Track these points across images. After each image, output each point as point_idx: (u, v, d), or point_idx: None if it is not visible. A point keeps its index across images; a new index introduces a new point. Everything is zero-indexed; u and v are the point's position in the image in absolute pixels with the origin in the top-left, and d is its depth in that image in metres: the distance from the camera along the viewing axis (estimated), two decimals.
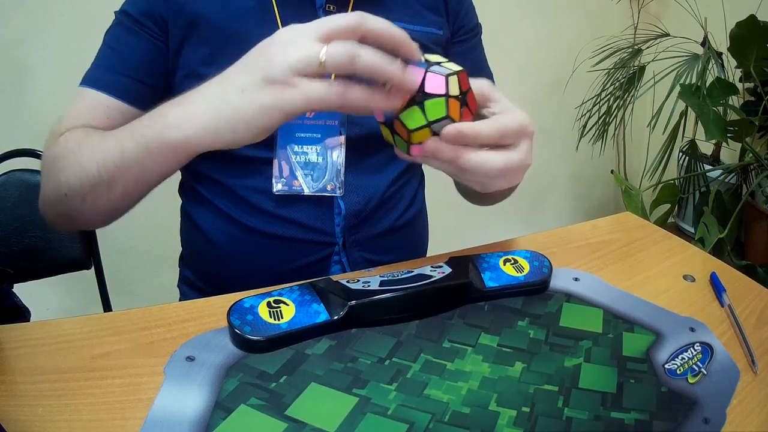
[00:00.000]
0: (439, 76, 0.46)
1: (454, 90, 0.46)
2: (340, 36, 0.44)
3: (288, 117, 0.46)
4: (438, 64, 0.47)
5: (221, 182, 0.70)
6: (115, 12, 0.69)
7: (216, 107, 0.48)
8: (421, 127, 0.47)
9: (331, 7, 0.68)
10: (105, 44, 0.68)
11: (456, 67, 0.47)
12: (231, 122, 0.47)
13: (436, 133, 0.47)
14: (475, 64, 0.80)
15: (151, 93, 0.67)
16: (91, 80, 0.66)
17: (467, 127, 0.46)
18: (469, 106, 0.48)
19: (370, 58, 0.43)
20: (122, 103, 0.66)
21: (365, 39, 0.45)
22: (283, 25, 0.66)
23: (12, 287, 0.70)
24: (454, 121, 0.47)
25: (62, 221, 0.65)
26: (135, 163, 0.53)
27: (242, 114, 0.47)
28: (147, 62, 0.67)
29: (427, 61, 0.47)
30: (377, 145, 0.72)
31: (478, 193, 0.76)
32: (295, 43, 0.44)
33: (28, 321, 0.69)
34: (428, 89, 0.46)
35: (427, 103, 0.46)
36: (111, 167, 0.55)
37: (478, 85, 0.50)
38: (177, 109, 0.51)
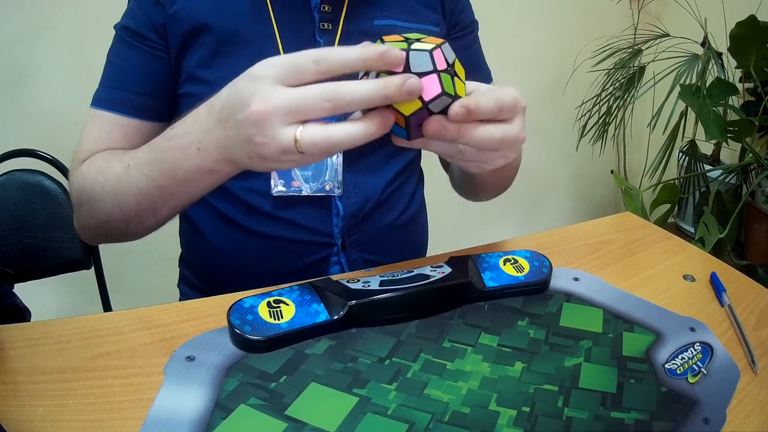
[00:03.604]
0: (424, 53, 0.44)
1: (441, 64, 0.45)
2: (304, 78, 0.44)
3: None
4: (418, 40, 0.46)
5: None
6: (114, 27, 0.69)
7: (229, 157, 0.49)
8: (418, 110, 0.45)
9: (326, 8, 0.67)
10: (109, 62, 0.69)
11: (437, 40, 0.46)
12: (247, 167, 0.50)
13: (431, 112, 0.46)
14: (472, 61, 0.80)
15: (161, 104, 0.69)
16: (101, 101, 0.67)
17: (471, 102, 0.45)
18: (458, 76, 0.47)
19: (342, 138, 0.44)
20: (136, 120, 0.67)
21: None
22: (278, 27, 0.66)
23: (13, 288, 0.70)
24: (449, 95, 0.45)
25: (103, 240, 0.69)
26: (177, 193, 0.55)
27: (254, 169, 0.49)
28: (152, 75, 0.67)
29: (406, 39, 0.46)
30: (375, 145, 0.71)
31: (474, 187, 0.76)
32: (271, 125, 0.44)
33: (29, 321, 0.69)
34: (415, 69, 0.44)
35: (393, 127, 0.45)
36: (151, 199, 0.56)
37: (454, 112, 0.48)
38: (195, 146, 0.51)
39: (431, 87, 0.45)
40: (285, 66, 0.44)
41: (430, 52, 0.44)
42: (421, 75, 0.44)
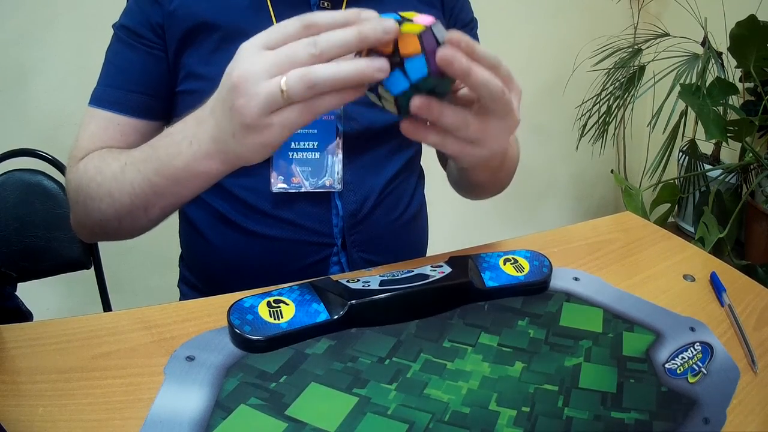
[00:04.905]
0: (412, 36, 0.44)
1: (430, 44, 0.44)
2: (289, 41, 0.44)
3: (277, 147, 0.48)
4: (410, 20, 0.45)
5: (218, 182, 0.70)
6: (113, 26, 0.69)
7: (218, 148, 0.50)
8: (405, 91, 0.45)
9: (325, 4, 0.68)
10: (107, 61, 0.69)
11: (428, 19, 0.45)
12: (236, 158, 0.49)
13: (436, 39, 0.45)
14: None
15: (158, 103, 0.69)
16: (98, 99, 0.68)
17: (465, 38, 0.44)
18: None
19: (328, 73, 0.43)
20: (132, 119, 0.67)
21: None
22: (277, 23, 0.66)
23: (15, 290, 0.70)
24: (438, 77, 0.45)
25: (98, 238, 0.70)
26: (168, 192, 0.56)
27: (241, 154, 0.49)
28: (149, 74, 0.67)
29: (400, 16, 0.45)
30: (375, 141, 0.72)
31: (471, 185, 0.76)
32: (253, 83, 0.44)
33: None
34: (403, 50, 0.44)
35: (407, 64, 0.44)
36: (144, 198, 0.57)
37: (449, 36, 0.47)
38: (188, 141, 0.52)
39: (418, 68, 0.44)
40: (271, 31, 0.45)
41: (419, 35, 0.44)
42: (409, 57, 0.44)
